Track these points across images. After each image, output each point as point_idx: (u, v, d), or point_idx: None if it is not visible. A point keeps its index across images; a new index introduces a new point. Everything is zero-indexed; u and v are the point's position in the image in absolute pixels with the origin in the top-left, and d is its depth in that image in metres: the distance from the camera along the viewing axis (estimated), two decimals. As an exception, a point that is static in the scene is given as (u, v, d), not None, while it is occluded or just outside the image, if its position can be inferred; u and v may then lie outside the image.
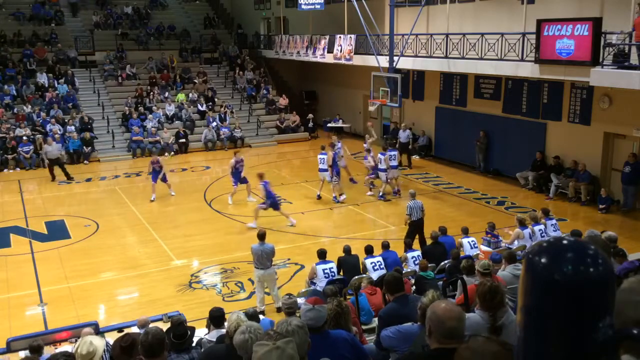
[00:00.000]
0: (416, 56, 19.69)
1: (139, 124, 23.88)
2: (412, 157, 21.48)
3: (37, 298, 10.85)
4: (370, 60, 20.99)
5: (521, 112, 18.10)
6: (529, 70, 15.05)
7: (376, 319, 6.23)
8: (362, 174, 17.94)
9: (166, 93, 26.60)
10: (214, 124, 24.94)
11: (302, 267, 11.90)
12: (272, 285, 10.23)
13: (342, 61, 22.96)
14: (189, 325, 5.86)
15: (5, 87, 24.28)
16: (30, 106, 23.85)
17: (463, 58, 17.51)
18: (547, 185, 16.92)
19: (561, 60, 13.81)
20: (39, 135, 21.99)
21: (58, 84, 25.48)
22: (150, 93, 26.27)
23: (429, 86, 21.94)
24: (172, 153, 23.46)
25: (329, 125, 24.79)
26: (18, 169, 21.32)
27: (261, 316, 8.13)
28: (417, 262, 9.74)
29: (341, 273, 9.97)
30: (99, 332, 7.09)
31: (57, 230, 14.59)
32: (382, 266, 9.87)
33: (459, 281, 6.73)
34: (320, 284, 9.43)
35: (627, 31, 12.72)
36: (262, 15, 32.69)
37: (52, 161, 19.62)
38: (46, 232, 14.56)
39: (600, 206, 15.23)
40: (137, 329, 6.56)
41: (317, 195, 16.96)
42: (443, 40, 18.27)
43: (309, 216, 15.64)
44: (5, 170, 21.13)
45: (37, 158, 21.29)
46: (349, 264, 10.09)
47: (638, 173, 14.74)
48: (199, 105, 26.18)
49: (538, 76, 15.21)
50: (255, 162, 22.00)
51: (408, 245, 11.12)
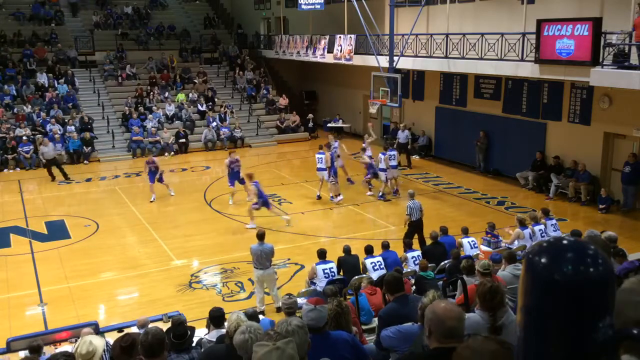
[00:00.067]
0: (416, 56, 19.68)
1: (139, 124, 23.87)
2: (412, 157, 21.49)
3: (37, 298, 10.84)
4: (370, 60, 20.99)
5: (521, 112, 18.10)
6: (529, 70, 15.05)
7: (376, 319, 6.22)
8: (362, 174, 17.93)
9: (166, 93, 26.60)
10: (214, 124, 24.93)
11: (302, 267, 11.90)
12: (271, 285, 10.22)
13: (342, 61, 22.96)
14: (189, 325, 5.86)
15: (5, 87, 24.28)
16: (30, 106, 23.85)
17: (463, 58, 17.51)
18: (547, 185, 16.92)
19: (561, 60, 13.81)
20: (39, 136, 21.99)
21: (58, 84, 25.48)
22: (150, 93, 26.27)
23: (429, 86, 21.93)
24: (172, 153, 23.47)
25: (329, 125, 24.77)
26: (18, 169, 21.33)
27: (261, 316, 8.13)
28: (417, 262, 9.74)
29: (341, 273, 9.97)
30: (99, 332, 7.08)
31: (57, 230, 14.60)
32: (382, 266, 9.87)
33: (459, 281, 6.72)
34: (320, 284, 9.43)
35: (627, 31, 12.72)
36: (262, 15, 32.69)
37: (49, 162, 19.61)
38: (46, 232, 14.56)
39: (600, 206, 15.23)
40: (136, 329, 6.56)
41: (317, 196, 16.97)
42: (443, 40, 18.27)
43: (309, 216, 15.64)
44: (5, 170, 21.14)
45: (37, 158, 21.27)
46: (349, 264, 10.09)
47: (638, 173, 14.74)
48: (199, 105, 26.17)
49: (538, 76, 15.20)
50: (255, 162, 22.01)
51: (407, 245, 11.12)
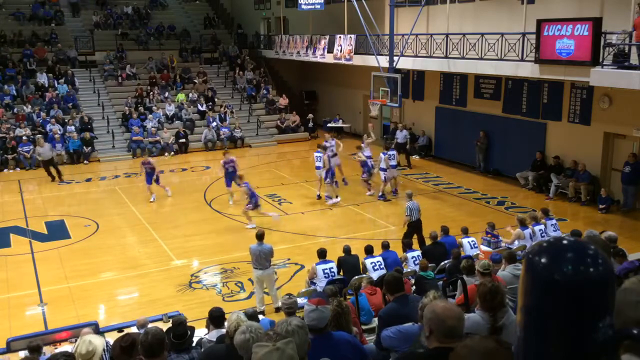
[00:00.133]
0: (416, 56, 19.68)
1: (139, 124, 23.86)
2: (412, 157, 21.48)
3: (37, 298, 10.84)
4: (370, 60, 20.98)
5: (521, 112, 18.10)
6: (529, 70, 15.04)
7: (376, 319, 6.22)
8: (359, 173, 17.89)
9: (166, 93, 26.59)
10: (214, 124, 24.93)
11: (302, 267, 11.90)
12: (270, 285, 10.22)
13: (342, 61, 22.95)
14: (189, 325, 5.86)
15: (5, 87, 24.28)
16: (30, 106, 23.85)
17: (463, 58, 17.50)
18: (547, 185, 16.92)
19: (561, 60, 13.80)
20: (39, 136, 21.99)
21: (58, 84, 25.48)
22: (150, 93, 26.26)
23: (429, 86, 21.93)
24: (172, 153, 23.46)
25: (329, 125, 24.79)
26: (18, 169, 21.33)
27: (261, 316, 8.13)
28: (417, 262, 9.74)
29: (341, 273, 9.96)
30: (99, 332, 7.08)
31: (57, 230, 14.59)
32: (382, 266, 9.86)
33: (459, 281, 6.73)
34: (320, 284, 9.43)
35: (627, 31, 12.72)
36: (262, 15, 32.68)
37: (46, 162, 19.59)
38: (46, 232, 14.56)
39: (600, 206, 15.23)
40: (136, 329, 6.56)
41: (317, 195, 16.96)
42: (443, 40, 18.26)
43: (309, 216, 15.64)
44: (5, 170, 21.14)
45: (37, 158, 21.29)
46: (349, 264, 10.09)
47: (638, 173, 14.73)
48: (199, 105, 26.16)
49: (538, 76, 15.20)
50: (255, 162, 22.02)
51: (407, 245, 11.12)
